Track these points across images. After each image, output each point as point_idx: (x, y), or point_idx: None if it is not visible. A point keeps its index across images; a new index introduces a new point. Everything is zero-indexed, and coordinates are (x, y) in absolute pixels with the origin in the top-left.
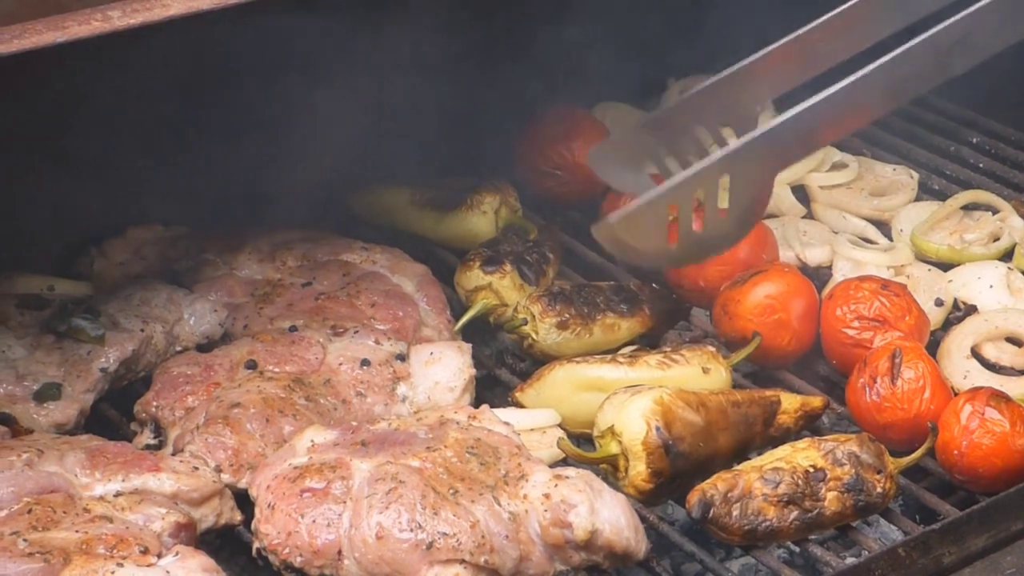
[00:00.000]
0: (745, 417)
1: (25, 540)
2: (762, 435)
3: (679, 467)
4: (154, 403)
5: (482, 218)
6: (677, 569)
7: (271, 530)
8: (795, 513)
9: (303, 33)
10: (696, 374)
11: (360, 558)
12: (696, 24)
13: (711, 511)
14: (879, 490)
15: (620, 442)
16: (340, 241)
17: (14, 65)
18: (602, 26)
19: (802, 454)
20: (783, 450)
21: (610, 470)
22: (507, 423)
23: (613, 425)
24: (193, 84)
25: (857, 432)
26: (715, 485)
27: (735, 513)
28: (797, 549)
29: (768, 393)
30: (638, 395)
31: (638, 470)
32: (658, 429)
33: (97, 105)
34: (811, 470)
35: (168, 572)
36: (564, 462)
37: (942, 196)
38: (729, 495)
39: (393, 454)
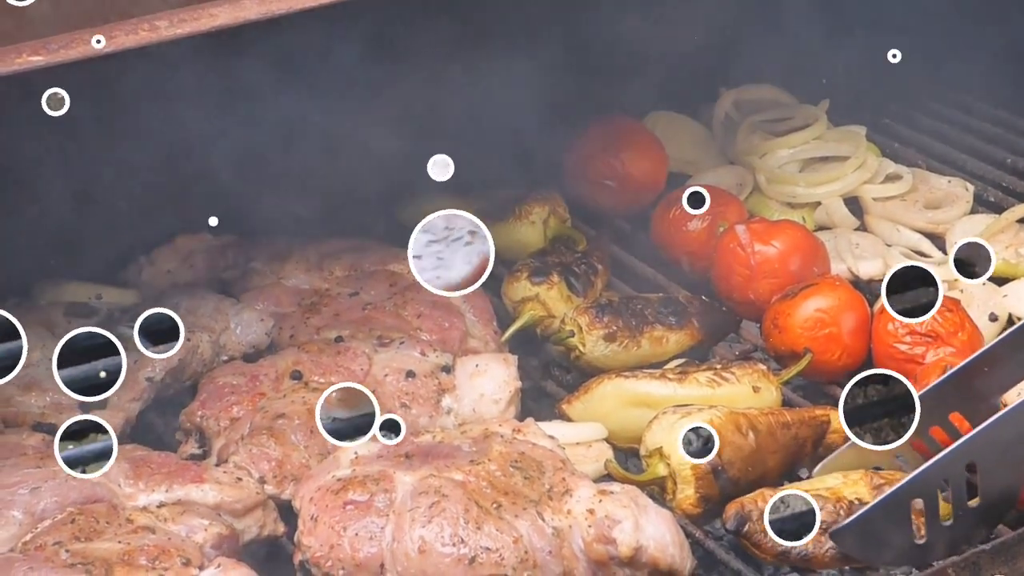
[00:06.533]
0: (795, 438)
1: (67, 551)
2: (811, 455)
3: (728, 492)
4: (199, 413)
5: (530, 228)
6: None
7: (314, 542)
8: (831, 543)
9: (351, 42)
10: (746, 393)
11: (403, 572)
12: (748, 33)
13: (746, 526)
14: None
15: (668, 464)
16: (387, 251)
17: (62, 73)
18: (653, 35)
19: (851, 488)
20: (834, 478)
21: (657, 491)
22: (552, 437)
23: (662, 447)
24: (241, 93)
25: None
26: (755, 501)
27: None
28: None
29: (818, 412)
30: (687, 417)
31: (686, 494)
32: None
33: (145, 112)
34: (856, 503)
35: None
36: (609, 477)
37: (998, 209)
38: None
39: (437, 467)
